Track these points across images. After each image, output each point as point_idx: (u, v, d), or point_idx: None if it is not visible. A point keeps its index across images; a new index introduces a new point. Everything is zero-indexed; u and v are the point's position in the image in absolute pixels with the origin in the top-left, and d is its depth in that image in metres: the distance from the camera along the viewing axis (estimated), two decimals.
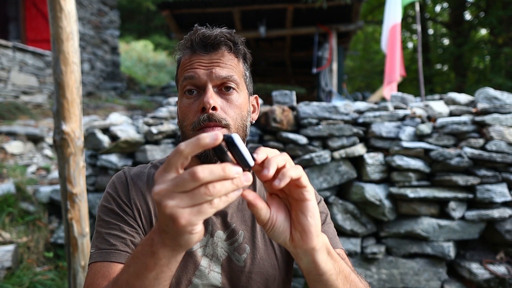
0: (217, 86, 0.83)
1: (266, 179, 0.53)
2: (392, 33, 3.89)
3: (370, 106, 2.94)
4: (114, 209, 0.82)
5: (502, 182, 2.54)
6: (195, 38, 0.83)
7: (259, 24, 7.44)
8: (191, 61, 0.84)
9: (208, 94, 0.79)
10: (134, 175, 0.89)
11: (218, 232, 0.85)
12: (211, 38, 0.82)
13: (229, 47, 0.85)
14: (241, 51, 0.88)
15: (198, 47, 0.83)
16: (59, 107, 1.70)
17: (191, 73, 0.82)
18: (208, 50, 0.83)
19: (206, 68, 0.82)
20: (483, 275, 2.44)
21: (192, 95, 0.83)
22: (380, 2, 12.30)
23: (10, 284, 2.52)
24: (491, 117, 2.59)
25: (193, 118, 0.81)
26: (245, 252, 0.85)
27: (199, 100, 0.81)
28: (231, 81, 0.83)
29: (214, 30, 0.84)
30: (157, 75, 14.25)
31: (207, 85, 0.81)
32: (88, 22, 8.85)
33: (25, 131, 4.88)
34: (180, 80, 0.86)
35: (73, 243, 1.79)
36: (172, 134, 2.98)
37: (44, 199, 3.28)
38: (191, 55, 0.85)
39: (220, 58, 0.83)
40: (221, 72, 0.82)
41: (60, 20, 1.66)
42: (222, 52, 0.84)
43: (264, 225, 0.59)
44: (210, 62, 0.83)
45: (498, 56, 9.48)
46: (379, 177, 2.66)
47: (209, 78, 0.81)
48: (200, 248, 0.83)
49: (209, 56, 0.83)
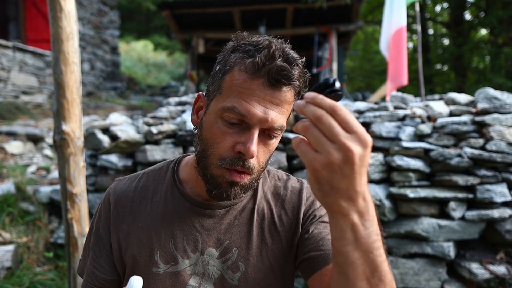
0: (263, 129, 0.72)
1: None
2: (398, 36, 3.85)
3: (370, 106, 2.94)
4: (98, 232, 0.87)
5: (502, 182, 2.54)
6: (271, 68, 0.68)
7: (259, 24, 7.45)
8: (249, 89, 0.69)
9: (254, 142, 0.70)
10: (120, 194, 0.87)
11: (210, 249, 0.81)
12: (287, 77, 0.69)
13: (297, 91, 0.73)
14: (302, 93, 0.75)
15: (267, 79, 0.68)
16: (59, 107, 1.70)
17: (244, 110, 0.69)
18: (275, 87, 0.69)
19: (263, 109, 0.69)
20: (483, 275, 2.44)
21: (232, 125, 0.72)
22: (380, 2, 12.30)
23: (10, 284, 2.52)
24: (491, 117, 2.59)
25: (224, 152, 0.72)
26: (239, 270, 0.80)
27: (238, 136, 0.71)
28: (279, 131, 0.73)
29: (291, 63, 0.69)
30: (157, 75, 14.26)
31: (255, 128, 0.70)
32: (88, 22, 8.85)
33: (25, 131, 4.88)
34: (224, 97, 0.72)
35: (73, 243, 1.79)
36: (172, 134, 2.98)
37: (44, 199, 3.28)
38: (252, 78, 0.69)
39: (282, 102, 0.71)
40: (277, 121, 0.71)
41: (60, 20, 1.66)
42: (286, 93, 0.71)
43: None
44: (270, 103, 0.70)
45: (498, 56, 9.49)
46: (379, 177, 2.66)
47: (261, 122, 0.70)
48: (190, 267, 0.80)
49: (271, 92, 0.69)
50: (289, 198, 0.86)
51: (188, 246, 0.80)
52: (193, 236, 0.81)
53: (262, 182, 0.89)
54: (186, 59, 10.16)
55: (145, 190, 0.87)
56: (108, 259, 0.85)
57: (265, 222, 0.83)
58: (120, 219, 0.85)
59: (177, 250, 0.80)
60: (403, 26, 3.83)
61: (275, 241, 0.82)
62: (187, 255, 0.80)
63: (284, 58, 0.69)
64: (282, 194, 0.87)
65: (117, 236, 0.84)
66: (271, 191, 0.88)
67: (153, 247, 0.80)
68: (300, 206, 0.85)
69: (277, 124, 0.71)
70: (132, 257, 0.81)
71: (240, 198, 0.84)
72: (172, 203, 0.83)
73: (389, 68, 3.96)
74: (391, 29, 3.90)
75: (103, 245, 0.86)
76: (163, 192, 0.85)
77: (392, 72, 3.91)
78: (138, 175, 0.91)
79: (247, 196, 0.85)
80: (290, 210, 0.85)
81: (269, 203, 0.86)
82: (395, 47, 3.87)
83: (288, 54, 0.70)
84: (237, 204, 0.84)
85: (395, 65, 3.88)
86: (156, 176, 0.89)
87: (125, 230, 0.83)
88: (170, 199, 0.84)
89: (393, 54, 3.90)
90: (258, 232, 0.82)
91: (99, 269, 0.85)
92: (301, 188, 0.88)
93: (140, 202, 0.85)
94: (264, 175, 0.90)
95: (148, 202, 0.85)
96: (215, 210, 0.82)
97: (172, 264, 0.80)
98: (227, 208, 0.83)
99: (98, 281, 0.85)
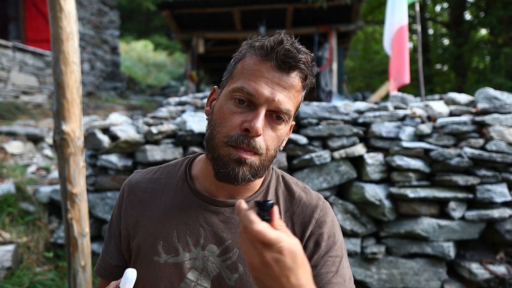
0: (270, 111, 0.75)
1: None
2: (400, 35, 3.85)
3: (370, 106, 2.94)
4: (112, 219, 0.93)
5: (502, 182, 2.54)
6: (279, 50, 0.73)
7: (259, 24, 7.44)
8: (259, 71, 0.74)
9: (260, 119, 0.72)
10: (134, 184, 0.92)
11: (211, 246, 0.81)
12: (294, 59, 0.73)
13: (304, 77, 0.77)
14: (309, 84, 0.80)
15: (275, 61, 0.73)
16: (59, 107, 1.70)
17: (252, 89, 0.73)
18: (283, 70, 0.74)
19: (271, 90, 0.73)
20: (483, 275, 2.44)
21: (241, 105, 0.75)
22: (380, 2, 12.31)
23: (10, 284, 2.52)
24: (491, 117, 2.59)
25: (231, 130, 0.74)
26: (237, 272, 0.80)
27: (245, 115, 0.74)
28: (286, 115, 0.76)
29: (299, 50, 0.74)
30: (157, 75, 14.26)
31: (262, 108, 0.73)
32: (88, 22, 8.85)
33: (25, 131, 4.88)
34: (235, 80, 0.77)
35: (73, 243, 1.79)
36: (172, 134, 2.98)
37: (44, 199, 3.28)
38: (261, 61, 0.74)
39: (290, 86, 0.75)
40: (283, 103, 0.74)
41: (60, 20, 1.66)
42: (294, 78, 0.75)
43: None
44: (278, 85, 0.74)
45: (498, 56, 9.49)
46: (379, 177, 2.66)
47: (268, 102, 0.73)
48: (190, 260, 0.81)
49: (279, 75, 0.74)
50: (300, 211, 0.84)
51: (191, 239, 0.81)
52: (196, 231, 0.82)
53: (275, 185, 0.88)
54: (186, 59, 10.16)
55: (158, 182, 0.90)
56: (116, 245, 0.90)
57: None
58: (132, 207, 0.88)
59: (179, 242, 0.81)
60: (405, 25, 3.83)
61: None
62: (188, 248, 0.81)
63: (292, 45, 0.74)
64: (294, 205, 0.85)
65: (127, 223, 0.87)
66: (284, 198, 0.87)
67: (157, 236, 0.82)
68: (309, 224, 0.83)
69: (284, 106, 0.74)
70: (137, 244, 0.84)
71: (247, 198, 0.84)
72: (181, 197, 0.85)
73: (392, 67, 3.96)
74: (393, 28, 3.89)
75: (113, 231, 0.91)
76: (173, 186, 0.88)
77: (394, 71, 3.91)
78: (155, 169, 0.95)
79: (256, 197, 0.85)
80: (298, 224, 0.83)
81: (279, 210, 0.84)
82: (397, 46, 3.87)
83: (296, 44, 0.75)
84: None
85: (397, 64, 3.87)
86: (170, 170, 0.92)
87: (135, 218, 0.87)
88: (179, 193, 0.86)
89: (395, 52, 3.90)
90: None
91: (107, 253, 0.91)
92: (317, 205, 0.85)
93: (151, 193, 0.88)
94: (279, 179, 0.89)
95: (159, 193, 0.88)
96: (220, 207, 0.82)
97: (173, 255, 0.81)
98: (234, 207, 0.82)
99: (105, 265, 0.92)
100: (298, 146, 2.73)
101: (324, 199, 0.89)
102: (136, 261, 0.83)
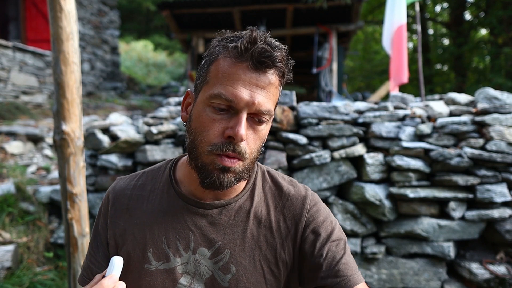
0: (251, 113, 0.73)
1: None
2: (398, 34, 3.86)
3: (370, 106, 2.94)
4: (97, 228, 0.91)
5: (502, 182, 2.54)
6: (254, 50, 0.70)
7: (259, 24, 7.44)
8: (235, 73, 0.71)
9: (242, 125, 0.70)
10: (118, 192, 0.90)
11: (202, 249, 0.80)
12: (270, 58, 0.70)
13: (281, 74, 0.74)
14: (286, 79, 0.77)
15: (251, 61, 0.70)
16: (59, 107, 1.70)
17: (230, 95, 0.70)
18: (259, 70, 0.71)
19: (249, 92, 0.71)
20: (483, 275, 2.44)
21: (221, 112, 0.73)
22: (380, 2, 12.31)
23: (10, 284, 2.52)
24: (491, 117, 2.59)
25: (214, 139, 0.72)
26: (230, 272, 0.79)
27: (227, 122, 0.72)
28: (267, 115, 0.74)
29: (274, 47, 0.72)
30: (157, 75, 14.26)
31: (243, 112, 0.71)
32: (88, 22, 8.85)
33: (25, 131, 4.88)
34: (211, 85, 0.74)
35: (73, 243, 1.79)
36: (172, 134, 2.98)
37: (44, 199, 3.28)
38: (236, 63, 0.71)
39: (268, 85, 0.72)
40: (263, 104, 0.72)
41: (60, 20, 1.66)
42: (271, 77, 0.73)
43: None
44: (256, 86, 0.71)
45: (498, 56, 9.50)
46: (379, 177, 2.66)
47: (248, 106, 0.71)
48: (181, 265, 0.80)
49: (256, 75, 0.71)
50: (290, 204, 0.84)
51: (181, 244, 0.81)
52: (186, 235, 0.81)
53: (261, 182, 0.87)
54: (186, 59, 10.16)
55: (142, 188, 0.88)
56: (104, 255, 0.87)
57: (262, 225, 0.82)
58: (118, 216, 0.86)
59: (169, 248, 0.81)
60: (403, 24, 3.84)
61: (269, 246, 0.81)
62: (179, 253, 0.81)
63: (265, 42, 0.71)
64: (283, 199, 0.85)
65: (114, 232, 0.86)
66: (272, 193, 0.86)
67: (146, 243, 0.82)
68: (301, 215, 0.82)
69: (264, 108, 0.72)
70: (126, 253, 0.83)
71: (234, 198, 0.83)
72: (167, 202, 0.84)
73: (391, 66, 3.97)
74: (393, 27, 3.90)
75: (100, 241, 0.88)
76: (159, 191, 0.86)
77: (394, 70, 3.92)
78: (138, 174, 0.92)
79: (243, 196, 0.84)
80: (289, 217, 0.83)
81: (268, 206, 0.84)
82: (396, 45, 3.88)
83: (270, 40, 0.73)
84: (231, 204, 0.82)
85: (396, 63, 3.89)
86: (154, 175, 0.90)
87: (122, 226, 0.85)
88: (165, 198, 0.85)
89: (395, 52, 3.91)
90: (252, 236, 0.81)
91: (95, 264, 0.88)
92: (305, 196, 0.85)
93: (137, 200, 0.87)
94: (264, 175, 0.88)
95: (145, 200, 0.86)
96: (208, 209, 0.82)
97: (164, 261, 0.81)
98: (221, 208, 0.82)
99: (92, 275, 0.87)
100: (298, 146, 2.73)
101: (308, 188, 0.89)
102: (126, 270, 0.82)
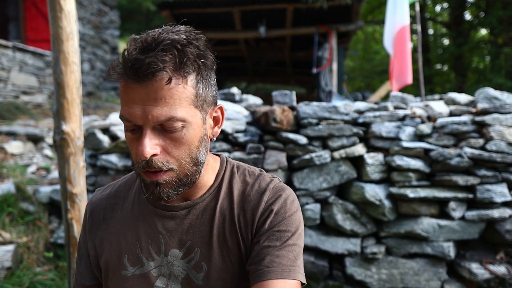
0: (158, 125, 0.69)
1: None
2: (402, 35, 3.84)
3: (370, 106, 2.94)
4: (79, 240, 0.93)
5: (502, 182, 2.54)
6: (127, 64, 0.65)
7: (259, 24, 7.44)
8: (126, 93, 0.68)
9: (144, 143, 0.67)
10: (94, 203, 0.92)
11: (173, 250, 0.81)
12: (142, 67, 0.64)
13: (175, 68, 0.66)
14: (190, 67, 0.68)
15: (129, 76, 0.65)
16: (59, 107, 1.70)
17: (127, 115, 0.68)
18: (143, 81, 0.65)
19: (142, 107, 0.66)
20: (483, 275, 2.44)
21: (133, 131, 0.71)
22: (380, 2, 12.31)
23: (10, 284, 2.52)
24: (491, 117, 2.59)
25: (135, 158, 0.72)
26: (202, 270, 0.80)
27: (137, 141, 0.70)
28: (173, 122, 0.68)
29: (146, 51, 0.65)
30: None
31: (145, 129, 0.68)
32: (88, 22, 8.85)
33: (25, 131, 4.88)
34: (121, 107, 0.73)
35: (73, 243, 1.79)
36: None
37: (44, 199, 3.28)
38: (124, 81, 0.68)
39: (158, 92, 0.66)
40: (160, 114, 0.66)
41: (60, 20, 1.66)
42: (160, 82, 0.65)
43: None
44: (146, 98, 0.66)
45: (498, 56, 9.49)
46: (379, 177, 2.66)
47: (146, 121, 0.67)
48: (155, 269, 0.82)
49: (144, 88, 0.66)
50: (250, 198, 0.82)
51: (152, 248, 0.82)
52: (156, 239, 0.82)
53: (229, 178, 0.86)
54: None
55: (117, 196, 0.90)
56: (86, 266, 0.90)
57: (226, 221, 0.82)
58: (95, 227, 0.89)
59: (142, 253, 0.82)
60: (406, 25, 3.82)
61: (235, 241, 0.81)
62: (152, 257, 0.82)
63: (136, 49, 0.66)
64: (247, 193, 0.83)
65: (94, 243, 0.88)
66: (239, 188, 0.85)
67: (121, 250, 0.83)
68: (258, 208, 0.80)
69: (163, 118, 0.67)
70: (105, 262, 0.85)
71: (201, 198, 0.83)
72: (138, 207, 0.86)
73: (393, 67, 3.94)
74: (395, 28, 3.88)
75: (82, 253, 0.92)
76: (132, 197, 0.88)
77: (396, 71, 3.89)
78: (116, 182, 0.94)
79: (209, 195, 0.83)
80: (249, 211, 0.81)
81: (232, 201, 0.83)
82: (399, 46, 3.86)
83: (144, 38, 0.67)
84: (199, 204, 0.83)
85: (399, 64, 3.86)
86: (128, 181, 0.92)
87: (100, 236, 0.87)
88: (137, 203, 0.86)
89: (397, 53, 3.88)
90: (219, 232, 0.81)
91: (80, 275, 0.91)
92: (266, 188, 0.82)
93: (112, 209, 0.89)
94: (233, 170, 0.87)
95: (119, 207, 0.88)
96: (176, 211, 0.82)
97: (139, 266, 0.82)
98: (189, 209, 0.82)
99: (80, 286, 0.91)
100: (298, 146, 2.73)
101: (279, 181, 0.85)
102: (107, 279, 0.85)
